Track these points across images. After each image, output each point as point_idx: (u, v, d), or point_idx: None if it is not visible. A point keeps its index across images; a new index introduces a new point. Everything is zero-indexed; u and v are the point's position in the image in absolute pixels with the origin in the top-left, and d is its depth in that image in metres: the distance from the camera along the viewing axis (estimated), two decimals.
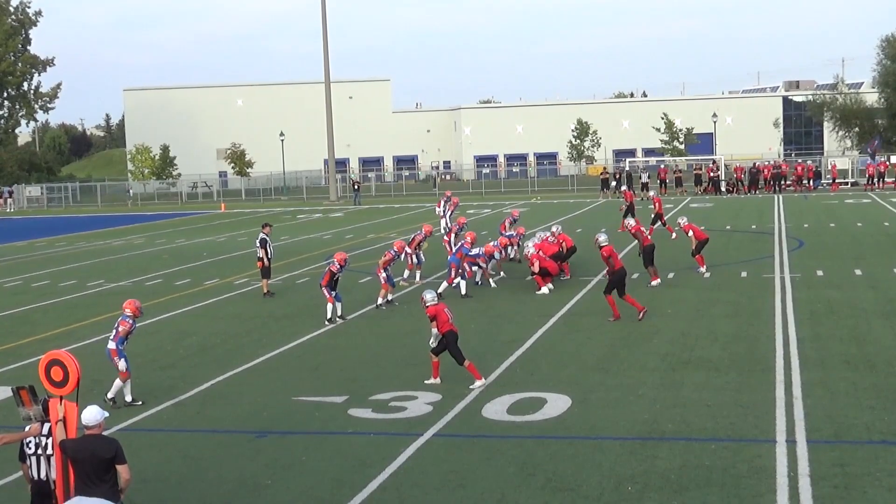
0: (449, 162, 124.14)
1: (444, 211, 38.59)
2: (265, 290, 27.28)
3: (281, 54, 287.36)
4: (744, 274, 28.02)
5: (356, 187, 77.59)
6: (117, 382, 16.37)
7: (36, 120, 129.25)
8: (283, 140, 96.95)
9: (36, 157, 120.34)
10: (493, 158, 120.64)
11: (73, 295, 29.57)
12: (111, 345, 16.47)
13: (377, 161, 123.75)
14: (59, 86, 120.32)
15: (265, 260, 27.27)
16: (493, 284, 27.60)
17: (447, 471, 12.47)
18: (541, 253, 26.92)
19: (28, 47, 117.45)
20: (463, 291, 25.91)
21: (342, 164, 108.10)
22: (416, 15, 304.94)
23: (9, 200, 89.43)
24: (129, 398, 16.34)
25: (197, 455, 13.62)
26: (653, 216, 39.19)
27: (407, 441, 13.61)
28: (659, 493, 11.45)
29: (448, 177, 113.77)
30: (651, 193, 62.47)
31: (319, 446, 13.69)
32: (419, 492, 11.83)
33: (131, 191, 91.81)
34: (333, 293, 22.74)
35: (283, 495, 11.93)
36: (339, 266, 23.08)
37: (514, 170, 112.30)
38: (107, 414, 9.55)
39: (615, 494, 11.46)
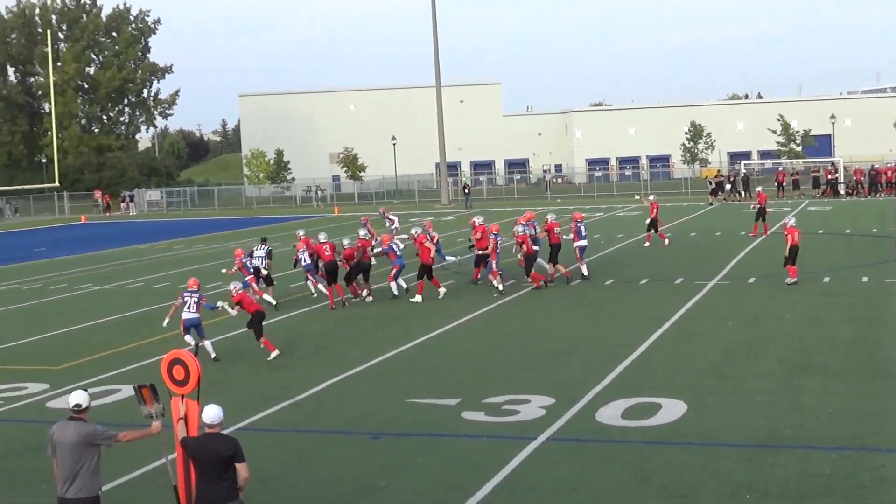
0: (560, 165, 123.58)
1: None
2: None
3: (392, 58, 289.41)
4: (865, 279, 27.31)
5: (467, 191, 77.74)
6: (209, 344, 20.30)
7: (155, 126, 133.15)
8: (394, 144, 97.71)
9: (155, 162, 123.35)
10: (605, 161, 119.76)
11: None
12: (195, 317, 20.41)
13: (488, 164, 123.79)
14: (177, 92, 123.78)
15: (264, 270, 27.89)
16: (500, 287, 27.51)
17: (561, 475, 12.39)
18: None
19: (147, 55, 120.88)
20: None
21: (453, 168, 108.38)
22: (526, 17, 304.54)
23: (130, 204, 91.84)
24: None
25: (313, 455, 13.77)
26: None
27: (520, 445, 13.57)
28: (778, 501, 11.22)
29: (559, 180, 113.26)
30: (759, 189, 61.87)
31: (433, 449, 13.73)
32: (532, 496, 11.78)
33: (319, 192, 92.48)
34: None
35: (398, 497, 11.99)
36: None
37: (626, 173, 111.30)
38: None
39: (732, 502, 11.26)
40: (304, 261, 28.07)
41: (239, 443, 9.38)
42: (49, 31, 74.12)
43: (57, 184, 57.66)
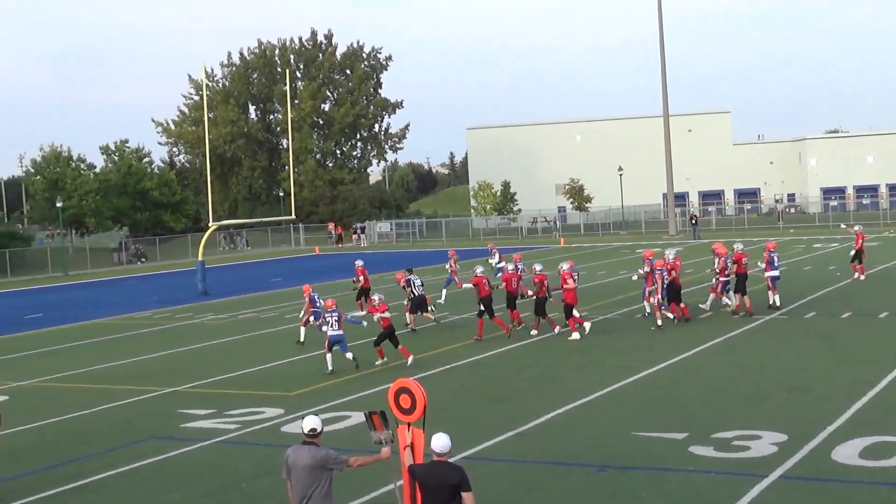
0: (793, 194, 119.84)
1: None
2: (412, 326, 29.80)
3: (619, 89, 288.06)
4: None
5: (694, 221, 76.46)
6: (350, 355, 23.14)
7: (386, 160, 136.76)
8: (621, 174, 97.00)
9: (386, 195, 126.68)
10: (842, 190, 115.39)
11: (418, 326, 30.69)
12: (338, 333, 23.27)
13: (717, 194, 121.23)
14: (407, 126, 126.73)
15: (412, 293, 29.72)
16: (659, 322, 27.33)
17: None
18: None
19: (379, 91, 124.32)
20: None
21: (681, 198, 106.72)
22: (756, 44, 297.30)
23: (361, 236, 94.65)
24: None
25: (537, 486, 13.75)
26: None
27: (751, 482, 13.14)
28: None
29: (792, 210, 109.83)
30: None
31: (659, 483, 13.47)
32: None
33: (557, 223, 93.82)
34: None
35: None
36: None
37: (863, 202, 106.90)
38: None
39: None
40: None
41: (465, 472, 9.44)
42: (287, 71, 77.12)
43: (293, 216, 59.95)
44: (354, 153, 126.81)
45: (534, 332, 27.40)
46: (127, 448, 17.27)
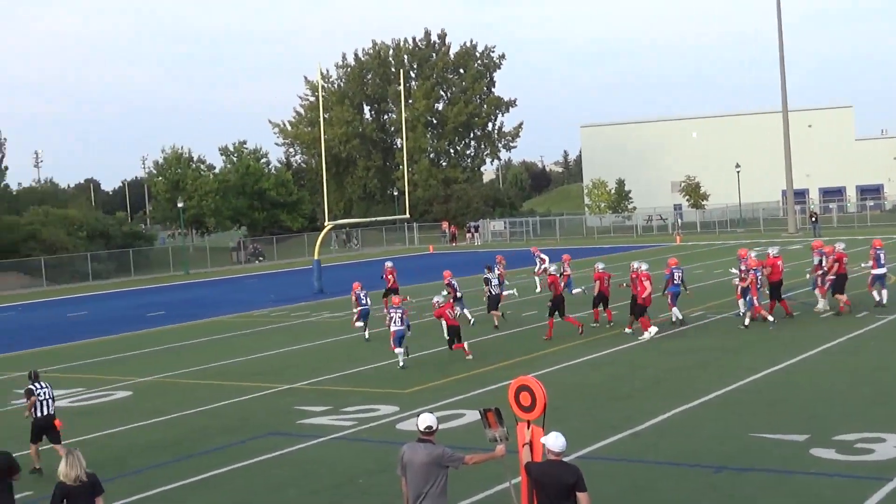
0: None
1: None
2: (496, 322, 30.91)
3: (736, 85, 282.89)
4: None
5: (814, 218, 74.89)
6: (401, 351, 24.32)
7: (499, 158, 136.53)
8: (738, 171, 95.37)
9: (499, 193, 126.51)
10: None
11: (533, 325, 30.65)
12: (401, 329, 24.40)
13: (839, 191, 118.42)
14: (520, 125, 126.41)
15: (490, 292, 31.53)
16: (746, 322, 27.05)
17: None
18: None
19: (492, 89, 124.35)
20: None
21: (801, 195, 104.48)
22: (879, 36, 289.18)
23: (475, 234, 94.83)
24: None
25: (650, 486, 13.61)
26: None
27: (875, 486, 12.81)
28: None
29: None
30: None
31: (779, 486, 13.22)
32: None
33: (679, 221, 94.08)
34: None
35: None
36: None
37: None
38: None
39: None
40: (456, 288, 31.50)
41: (581, 471, 9.40)
42: (402, 71, 77.82)
43: (408, 215, 60.39)
44: (468, 152, 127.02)
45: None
46: (245, 444, 17.60)
